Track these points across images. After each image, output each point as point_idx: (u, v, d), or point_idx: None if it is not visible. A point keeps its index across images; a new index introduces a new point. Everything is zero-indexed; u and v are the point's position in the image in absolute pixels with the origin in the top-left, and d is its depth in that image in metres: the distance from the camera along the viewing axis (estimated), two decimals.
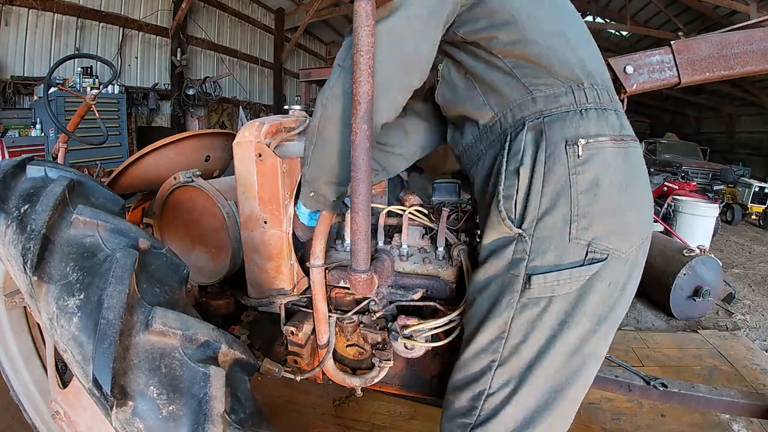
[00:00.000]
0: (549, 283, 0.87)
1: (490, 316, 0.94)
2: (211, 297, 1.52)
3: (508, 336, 0.92)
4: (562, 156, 0.87)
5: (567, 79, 0.92)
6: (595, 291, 0.89)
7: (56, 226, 0.85)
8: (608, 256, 0.88)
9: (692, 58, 1.34)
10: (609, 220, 0.88)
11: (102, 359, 0.69)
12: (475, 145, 1.06)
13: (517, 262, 0.90)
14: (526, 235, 0.89)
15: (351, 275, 0.98)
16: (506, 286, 0.92)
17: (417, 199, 1.33)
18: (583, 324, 0.90)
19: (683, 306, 3.39)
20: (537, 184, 0.88)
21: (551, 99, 0.91)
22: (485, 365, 0.95)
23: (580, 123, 0.89)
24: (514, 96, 0.94)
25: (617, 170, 0.88)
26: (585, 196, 0.86)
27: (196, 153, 1.81)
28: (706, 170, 8.86)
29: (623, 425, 2.12)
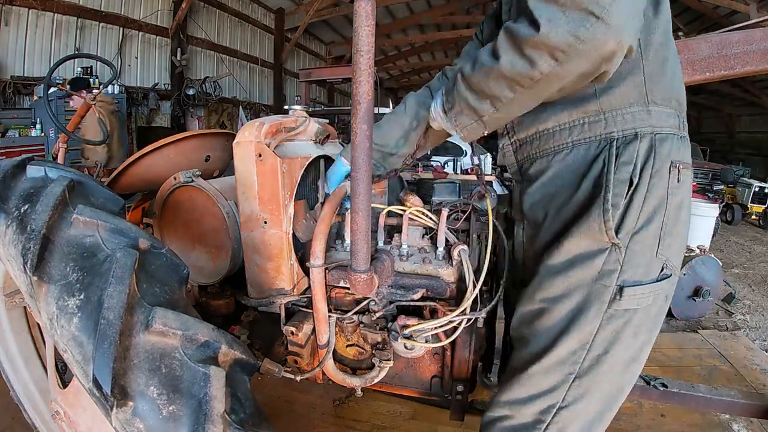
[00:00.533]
0: (638, 296, 0.90)
1: (571, 328, 0.92)
2: (211, 297, 1.52)
3: (591, 347, 0.92)
4: (665, 176, 0.89)
5: (676, 102, 0.95)
6: (657, 304, 0.94)
7: (56, 226, 0.85)
8: (672, 273, 0.93)
9: (692, 58, 1.34)
10: (680, 240, 0.94)
11: (102, 359, 0.69)
12: (558, 135, 0.98)
13: (608, 273, 0.90)
14: (621, 245, 0.89)
15: (351, 275, 0.98)
16: (594, 297, 0.91)
17: (417, 199, 1.33)
18: (644, 335, 0.94)
19: (683, 306, 3.39)
20: (639, 198, 0.88)
21: (663, 117, 0.92)
22: (561, 378, 0.93)
23: (680, 148, 0.93)
24: (630, 99, 0.91)
25: (689, 197, 0.95)
26: (673, 216, 0.91)
27: (196, 153, 1.81)
28: (706, 170, 8.87)
29: (623, 425, 2.12)
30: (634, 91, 0.91)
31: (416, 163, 5.69)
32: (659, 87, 0.92)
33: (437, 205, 1.35)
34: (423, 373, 1.34)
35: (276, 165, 1.16)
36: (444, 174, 5.74)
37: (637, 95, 0.91)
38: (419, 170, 5.81)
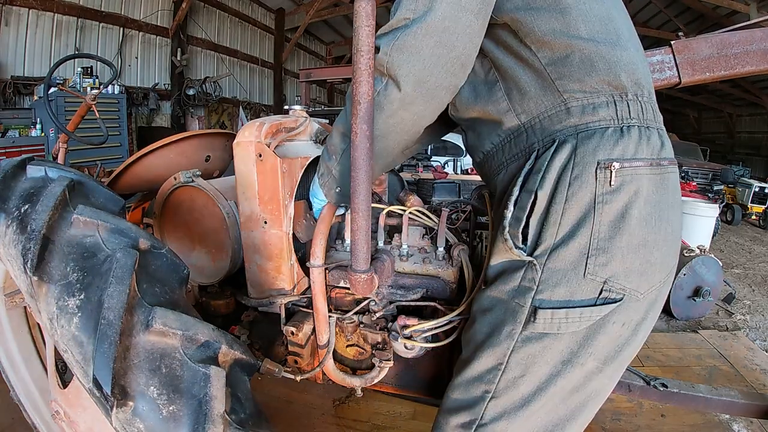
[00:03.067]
0: (556, 320, 0.79)
1: (488, 343, 0.87)
2: (211, 297, 1.52)
3: (506, 368, 0.84)
4: (590, 180, 0.76)
5: (610, 86, 0.79)
6: (605, 332, 0.80)
7: (56, 226, 0.85)
8: (624, 296, 0.79)
9: (692, 58, 1.34)
10: (631, 258, 0.77)
11: (102, 359, 0.69)
12: (495, 155, 0.94)
13: (523, 291, 0.82)
14: (537, 263, 0.80)
15: (351, 275, 0.98)
16: (509, 314, 0.84)
17: (417, 199, 1.33)
18: (588, 364, 0.83)
19: (683, 306, 3.39)
20: (557, 209, 0.78)
21: (588, 110, 0.79)
22: (478, 395, 0.88)
23: (618, 142, 0.77)
24: (545, 103, 0.82)
25: (648, 201, 0.78)
26: (608, 229, 0.76)
27: (196, 153, 1.81)
28: (706, 170, 8.87)
29: (623, 425, 2.12)
30: (544, 93, 0.82)
31: (416, 163, 5.69)
32: (575, 76, 0.79)
33: (437, 205, 1.35)
34: (423, 373, 1.34)
35: (276, 165, 1.16)
36: (444, 174, 5.74)
37: (550, 96, 0.81)
38: (419, 170, 5.81)
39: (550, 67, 0.81)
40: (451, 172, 6.34)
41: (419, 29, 0.78)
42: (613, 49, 0.80)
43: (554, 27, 0.79)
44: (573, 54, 0.79)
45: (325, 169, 1.09)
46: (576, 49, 0.79)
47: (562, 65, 0.80)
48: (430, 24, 0.77)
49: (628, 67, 0.80)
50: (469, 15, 0.78)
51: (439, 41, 0.78)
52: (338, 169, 1.05)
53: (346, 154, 1.00)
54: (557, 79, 0.80)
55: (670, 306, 3.37)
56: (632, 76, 0.81)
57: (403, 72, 0.81)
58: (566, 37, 0.79)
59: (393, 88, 0.84)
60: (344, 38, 13.43)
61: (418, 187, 4.40)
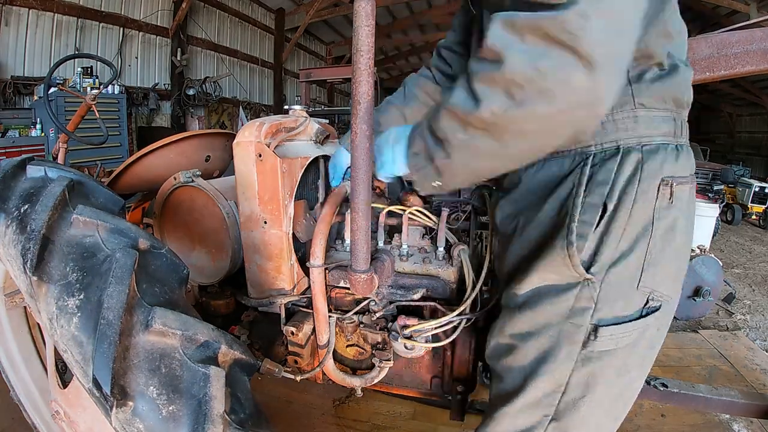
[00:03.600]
0: (618, 336, 0.78)
1: (542, 371, 0.83)
2: (211, 297, 1.52)
3: (566, 391, 0.82)
4: (652, 197, 0.74)
5: (674, 104, 0.76)
6: (645, 338, 0.82)
7: (56, 226, 0.85)
8: (662, 304, 0.80)
9: (692, 58, 1.34)
10: (672, 267, 0.79)
11: (102, 359, 0.69)
12: None
13: (580, 311, 0.78)
14: (595, 280, 0.77)
15: (351, 275, 0.98)
16: (564, 337, 0.80)
17: (417, 199, 1.33)
18: (632, 372, 0.84)
19: (683, 306, 3.39)
20: (620, 224, 0.74)
21: (655, 123, 0.75)
22: (536, 420, 0.86)
23: (677, 160, 0.76)
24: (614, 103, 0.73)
25: (686, 215, 0.79)
26: (660, 243, 0.76)
27: (196, 153, 1.81)
28: (706, 170, 8.85)
29: (623, 425, 2.11)
30: None
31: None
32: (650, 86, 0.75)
33: (437, 205, 1.35)
34: (423, 373, 1.34)
35: (276, 165, 1.16)
36: None
37: (621, 99, 0.74)
38: None
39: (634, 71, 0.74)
40: None
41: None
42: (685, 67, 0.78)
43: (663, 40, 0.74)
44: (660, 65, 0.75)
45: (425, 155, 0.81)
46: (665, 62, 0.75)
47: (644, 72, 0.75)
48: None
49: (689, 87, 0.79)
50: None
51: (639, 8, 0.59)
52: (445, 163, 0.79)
53: (464, 147, 0.73)
54: (635, 82, 0.74)
55: None
56: (689, 97, 0.79)
57: (603, 51, 0.55)
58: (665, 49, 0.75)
59: (580, 69, 0.56)
60: (344, 38, 13.43)
61: None
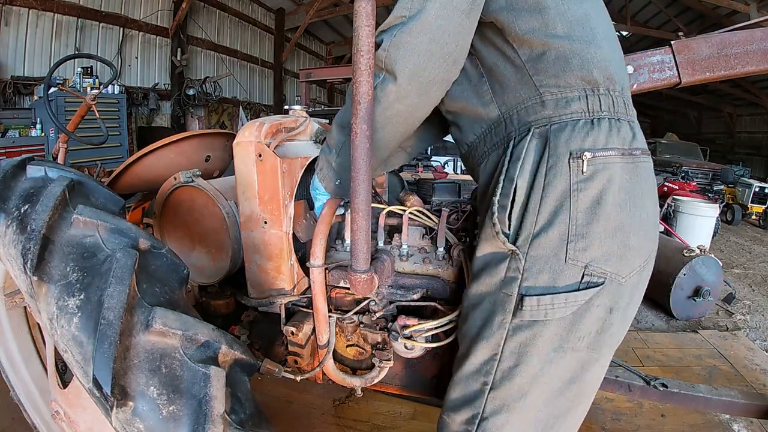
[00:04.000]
0: (542, 306, 0.81)
1: (482, 336, 0.89)
2: (211, 297, 1.52)
3: (501, 359, 0.87)
4: (564, 170, 0.80)
5: (583, 81, 0.84)
6: (590, 316, 0.83)
7: (56, 226, 0.85)
8: (605, 280, 0.82)
9: (692, 58, 1.34)
10: (609, 242, 0.81)
11: (102, 359, 0.69)
12: (478, 145, 1.00)
13: (510, 281, 0.85)
14: (519, 252, 0.83)
15: (351, 275, 0.98)
16: (498, 305, 0.87)
17: (417, 199, 1.33)
18: (580, 350, 0.85)
19: (683, 306, 3.39)
20: (535, 198, 0.82)
21: (561, 103, 0.84)
22: (478, 388, 0.90)
23: (589, 134, 0.82)
24: (522, 95, 0.88)
25: (622, 188, 0.81)
26: (585, 215, 0.80)
27: (196, 153, 1.81)
28: (706, 170, 8.87)
29: (623, 425, 2.12)
30: (522, 88, 0.87)
31: (416, 163, 5.69)
32: (550, 72, 0.84)
33: (437, 205, 1.35)
34: (423, 373, 1.34)
35: (276, 165, 1.16)
36: (444, 174, 5.74)
37: (527, 89, 0.87)
38: (419, 170, 5.81)
39: (528, 63, 0.86)
40: (451, 172, 6.34)
41: (414, 27, 0.83)
42: (587, 47, 0.84)
43: (533, 26, 0.84)
44: (549, 51, 0.84)
45: (325, 163, 1.11)
46: (552, 46, 0.84)
47: (539, 61, 0.85)
48: (424, 22, 0.82)
49: (601, 64, 0.85)
50: (461, 14, 0.83)
51: (432, 38, 0.83)
52: (338, 162, 1.08)
53: (345, 147, 1.02)
54: (534, 74, 0.86)
55: (670, 306, 3.37)
56: (605, 71, 0.85)
57: (399, 66, 0.85)
58: (544, 35, 0.84)
59: (390, 81, 0.88)
60: (344, 38, 13.44)
61: (418, 187, 4.39)
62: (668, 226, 4.93)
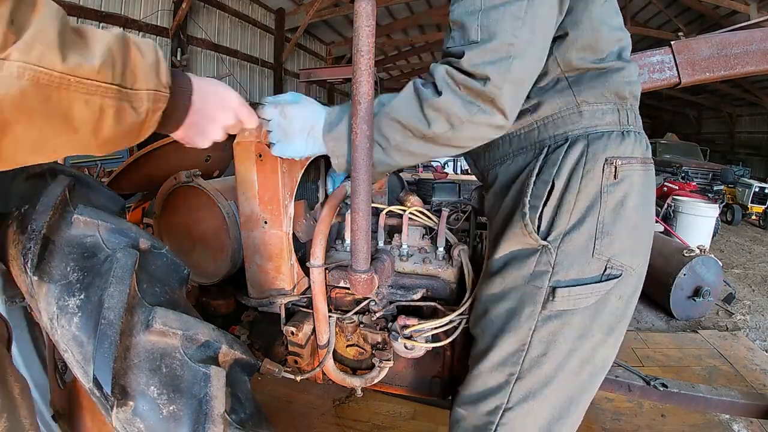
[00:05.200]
0: (572, 297, 0.88)
1: (508, 328, 0.93)
2: (211, 297, 1.52)
3: (529, 348, 0.91)
4: (598, 173, 0.88)
5: (616, 96, 0.91)
6: (609, 305, 0.91)
7: (57, 226, 0.85)
8: (623, 272, 0.90)
9: (692, 58, 1.34)
10: (627, 239, 0.90)
11: (102, 359, 0.69)
12: (501, 145, 1.01)
13: (540, 274, 0.90)
14: (551, 247, 0.89)
15: (351, 275, 0.98)
16: (527, 298, 0.91)
17: (417, 199, 1.34)
18: (597, 336, 0.92)
19: (683, 306, 3.39)
20: (570, 199, 0.88)
21: (598, 115, 0.90)
22: (503, 379, 0.94)
23: (620, 144, 0.90)
24: (559, 105, 0.91)
25: (638, 192, 0.90)
26: (611, 215, 0.88)
27: (196, 153, 1.81)
28: (706, 170, 8.87)
29: (623, 425, 2.12)
30: (560, 99, 0.91)
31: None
32: (590, 87, 0.91)
33: (437, 205, 1.35)
34: (423, 373, 1.34)
35: (276, 165, 1.16)
36: (444, 174, 5.75)
37: (565, 101, 0.91)
38: (419, 170, 5.81)
39: (571, 78, 0.91)
40: (451, 172, 6.35)
41: (526, 62, 0.80)
42: (625, 65, 0.92)
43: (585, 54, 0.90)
44: (593, 70, 0.91)
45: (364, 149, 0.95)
46: (597, 67, 0.91)
47: (582, 77, 0.91)
48: (534, 56, 0.81)
49: (632, 82, 0.93)
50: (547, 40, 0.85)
51: (536, 69, 0.85)
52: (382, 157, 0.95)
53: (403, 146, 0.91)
54: (575, 86, 0.91)
55: (670, 306, 3.37)
56: (631, 89, 0.93)
57: (510, 104, 0.81)
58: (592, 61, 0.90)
59: (498, 116, 0.82)
60: (344, 38, 13.43)
61: (418, 187, 4.39)
62: (668, 226, 4.93)
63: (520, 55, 0.78)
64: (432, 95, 0.83)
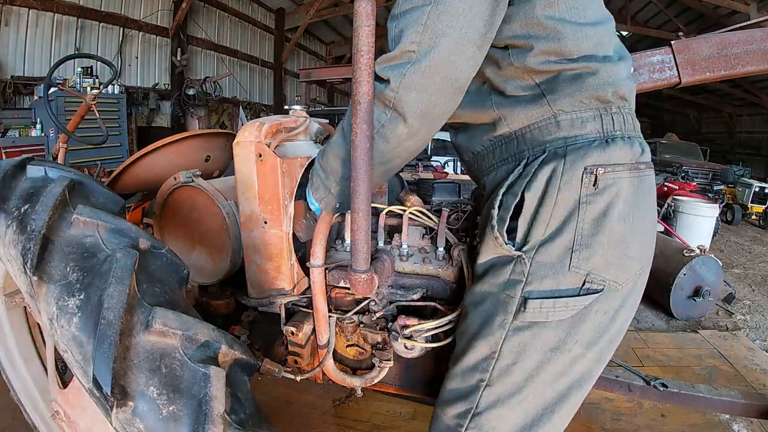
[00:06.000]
0: (544, 309, 0.85)
1: (481, 334, 0.92)
2: (211, 297, 1.52)
3: (499, 356, 0.90)
4: (576, 183, 0.83)
5: (597, 101, 0.85)
6: (588, 320, 0.87)
7: (56, 226, 0.85)
8: (605, 287, 0.86)
9: (692, 58, 1.34)
10: (610, 252, 0.84)
11: (102, 359, 0.69)
12: (486, 157, 1.00)
13: (513, 283, 0.88)
14: (525, 257, 0.86)
15: (351, 275, 0.98)
16: (500, 306, 0.90)
17: (417, 199, 1.33)
18: (574, 350, 0.88)
19: (683, 306, 3.39)
20: (546, 210, 0.85)
21: (577, 124, 0.86)
22: (473, 383, 0.93)
23: (603, 152, 0.84)
24: (535, 114, 0.87)
25: (626, 201, 0.85)
26: (590, 227, 0.83)
27: (196, 153, 1.81)
28: (706, 170, 8.87)
29: (623, 425, 2.12)
30: (535, 109, 0.87)
31: (416, 162, 5.69)
32: (565, 94, 0.85)
33: (437, 205, 1.35)
34: (423, 373, 1.34)
35: (276, 165, 1.16)
36: (444, 174, 5.74)
37: (541, 111, 0.87)
38: (419, 170, 5.80)
39: (543, 85, 0.86)
40: (451, 172, 6.33)
41: (427, 67, 0.79)
42: (603, 66, 0.85)
43: (549, 57, 0.84)
44: (564, 73, 0.84)
45: (321, 186, 1.09)
46: (568, 68, 0.84)
47: (554, 83, 0.85)
48: (437, 60, 0.78)
49: (615, 82, 0.85)
50: (473, 47, 0.79)
51: (445, 77, 0.81)
52: (338, 190, 1.06)
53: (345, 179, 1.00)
54: (549, 94, 0.86)
55: (670, 306, 3.37)
56: (618, 90, 0.86)
57: (410, 108, 0.83)
58: (559, 63, 0.84)
59: (400, 122, 0.86)
60: (344, 38, 13.43)
61: (418, 187, 4.38)
62: (668, 226, 4.93)
63: (418, 60, 0.78)
64: None
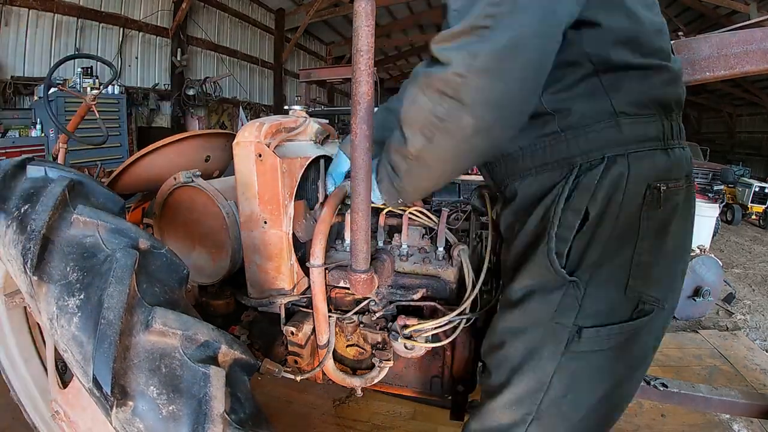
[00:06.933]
0: (600, 337, 0.79)
1: (528, 367, 0.84)
2: (211, 297, 1.52)
3: (548, 389, 0.82)
4: (638, 200, 0.75)
5: (659, 105, 0.76)
6: (637, 342, 0.82)
7: (56, 226, 0.85)
8: (654, 308, 0.81)
9: (692, 58, 1.34)
10: (662, 272, 0.80)
11: (102, 359, 0.69)
12: (520, 159, 0.87)
13: (565, 312, 0.79)
14: (580, 282, 0.78)
15: (351, 275, 0.98)
16: (549, 335, 0.81)
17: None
18: (621, 373, 0.84)
19: (683, 306, 3.39)
20: (605, 230, 0.76)
21: (639, 128, 0.75)
22: (518, 418, 0.85)
23: (664, 163, 0.76)
24: (590, 111, 0.76)
25: (681, 216, 0.79)
26: (648, 247, 0.77)
27: (196, 153, 1.81)
28: (706, 170, 8.85)
29: (623, 425, 2.12)
30: (592, 105, 0.76)
31: None
32: (629, 92, 0.75)
33: (437, 205, 1.35)
34: (423, 373, 1.34)
35: (276, 165, 1.16)
36: None
37: (599, 109, 0.76)
38: None
39: (608, 79, 0.74)
40: None
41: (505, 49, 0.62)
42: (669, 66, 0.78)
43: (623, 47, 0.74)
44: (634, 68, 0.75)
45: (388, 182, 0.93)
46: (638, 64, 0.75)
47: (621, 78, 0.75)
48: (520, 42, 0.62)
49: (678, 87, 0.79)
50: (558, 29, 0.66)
51: (528, 61, 0.65)
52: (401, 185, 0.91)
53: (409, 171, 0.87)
54: (612, 92, 0.75)
55: None
56: (679, 97, 0.80)
57: (479, 96, 0.67)
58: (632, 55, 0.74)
59: (463, 112, 0.69)
60: (344, 38, 13.43)
61: None
62: None
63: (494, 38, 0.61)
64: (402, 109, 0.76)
